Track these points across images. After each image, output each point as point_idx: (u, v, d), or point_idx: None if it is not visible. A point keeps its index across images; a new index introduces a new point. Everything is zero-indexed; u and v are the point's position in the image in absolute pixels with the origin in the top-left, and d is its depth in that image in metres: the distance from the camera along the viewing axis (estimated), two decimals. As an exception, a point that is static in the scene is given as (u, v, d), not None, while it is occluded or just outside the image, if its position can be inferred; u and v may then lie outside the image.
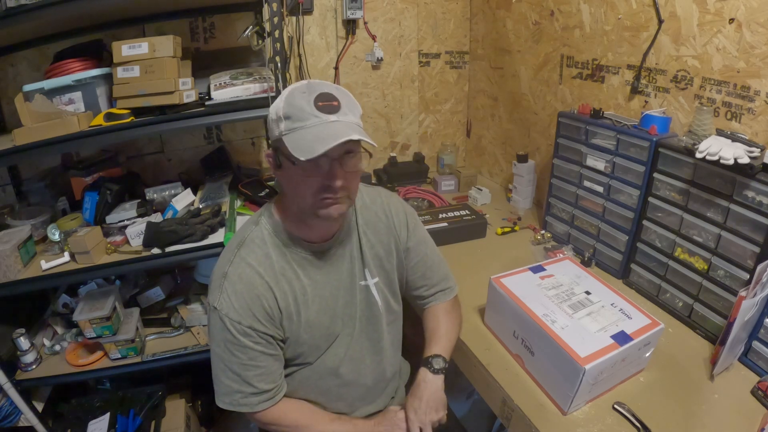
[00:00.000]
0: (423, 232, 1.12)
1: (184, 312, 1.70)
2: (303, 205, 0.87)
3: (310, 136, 0.79)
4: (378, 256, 1.04)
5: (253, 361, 0.90)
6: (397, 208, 1.08)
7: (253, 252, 0.92)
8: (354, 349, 1.03)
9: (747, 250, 1.06)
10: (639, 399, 0.99)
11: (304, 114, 0.80)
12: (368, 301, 1.03)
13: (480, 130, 2.34)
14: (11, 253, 1.31)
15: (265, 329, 0.90)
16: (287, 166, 0.85)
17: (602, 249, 1.48)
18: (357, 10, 1.91)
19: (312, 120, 0.80)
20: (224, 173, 1.80)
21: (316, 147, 0.77)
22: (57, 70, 1.35)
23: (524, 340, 1.07)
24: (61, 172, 1.69)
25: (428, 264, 1.11)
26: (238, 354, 0.89)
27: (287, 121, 0.81)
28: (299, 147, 0.78)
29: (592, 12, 1.56)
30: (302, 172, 0.83)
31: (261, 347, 0.91)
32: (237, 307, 0.88)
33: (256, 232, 0.94)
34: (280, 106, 0.83)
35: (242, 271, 0.90)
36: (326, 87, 0.84)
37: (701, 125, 1.17)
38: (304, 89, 0.83)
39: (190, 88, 1.36)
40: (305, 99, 0.81)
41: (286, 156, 0.83)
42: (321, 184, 0.83)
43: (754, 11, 1.10)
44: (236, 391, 0.92)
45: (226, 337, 0.89)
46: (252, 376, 0.91)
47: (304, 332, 0.96)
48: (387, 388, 1.13)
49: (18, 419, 1.49)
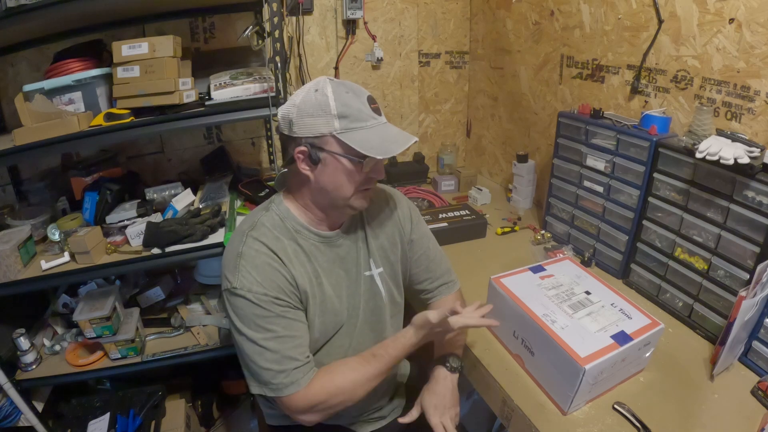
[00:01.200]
0: (425, 227, 1.16)
1: (184, 312, 1.71)
2: (342, 198, 0.91)
3: (375, 136, 0.85)
4: (383, 247, 1.06)
5: (288, 330, 0.88)
6: (401, 202, 1.13)
7: (264, 234, 0.92)
8: (357, 341, 1.04)
9: (747, 250, 1.06)
10: (639, 399, 0.99)
11: (362, 115, 0.85)
12: (372, 291, 1.05)
13: (480, 130, 2.34)
14: (11, 253, 1.31)
15: (289, 298, 0.89)
16: (336, 163, 0.87)
17: (602, 249, 1.48)
18: (357, 10, 1.92)
19: (371, 121, 0.87)
20: (224, 173, 1.80)
21: (390, 148, 0.84)
22: (57, 70, 1.35)
23: (524, 340, 1.07)
24: (61, 172, 1.69)
25: (431, 257, 1.14)
26: (272, 327, 0.86)
27: (343, 120, 0.84)
28: (371, 146, 0.84)
29: (592, 12, 1.56)
30: (357, 168, 0.88)
31: (292, 314, 0.90)
32: (260, 280, 0.87)
33: (266, 216, 0.95)
34: (331, 104, 0.84)
35: (258, 247, 0.90)
36: (360, 88, 0.89)
37: (701, 125, 1.17)
38: (346, 89, 0.86)
39: (190, 88, 1.36)
40: (358, 100, 0.86)
41: (336, 153, 0.86)
42: (367, 178, 0.91)
43: (754, 11, 1.10)
44: (279, 371, 0.86)
45: (255, 312, 0.86)
46: (291, 347, 0.87)
47: (317, 317, 0.96)
48: (389, 382, 1.13)
49: (18, 419, 1.49)
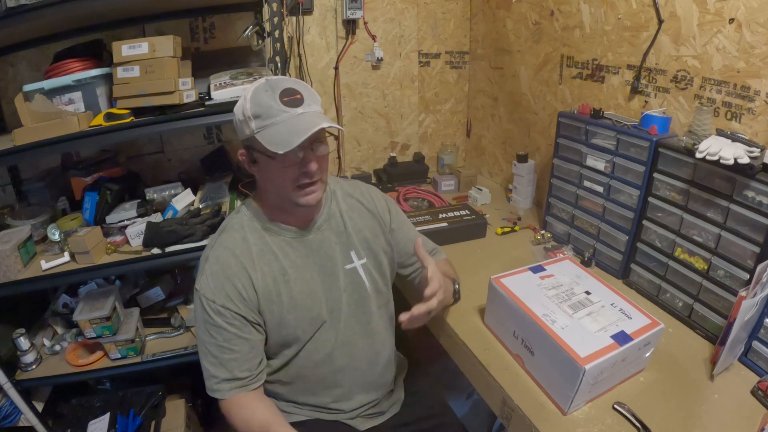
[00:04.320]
0: (404, 217, 1.21)
1: (184, 312, 1.70)
2: (283, 195, 0.94)
3: (284, 129, 0.85)
4: (365, 238, 1.09)
5: (227, 343, 0.94)
6: (377, 195, 1.16)
7: (231, 237, 0.98)
8: (344, 335, 1.05)
9: (747, 250, 1.06)
10: (639, 399, 0.99)
11: (272, 111, 0.86)
12: (355, 283, 1.06)
13: (480, 130, 2.34)
14: (11, 253, 1.31)
15: (237, 309, 0.94)
16: (263, 161, 0.92)
17: (602, 249, 1.48)
18: (357, 10, 1.91)
19: (281, 115, 0.86)
20: (224, 173, 1.80)
21: (291, 139, 0.83)
22: (57, 70, 1.35)
23: (524, 340, 1.07)
24: (61, 172, 1.69)
25: (412, 239, 1.17)
26: (214, 335, 0.94)
27: (257, 119, 0.87)
28: (275, 141, 0.84)
29: (592, 12, 1.56)
30: (279, 164, 0.89)
31: (235, 329, 0.94)
32: (213, 287, 0.93)
33: (235, 219, 1.01)
34: (247, 107, 0.87)
35: (219, 254, 0.96)
36: (286, 82, 0.90)
37: (701, 125, 1.17)
38: (266, 88, 0.88)
39: (190, 88, 1.36)
40: (270, 97, 0.87)
41: (262, 152, 0.89)
42: (298, 172, 0.90)
43: (754, 11, 1.10)
44: (212, 375, 0.95)
45: (204, 317, 0.94)
46: (227, 360, 0.94)
47: (288, 313, 0.98)
48: (384, 375, 1.13)
49: (18, 419, 1.49)
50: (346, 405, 1.08)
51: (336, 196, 1.09)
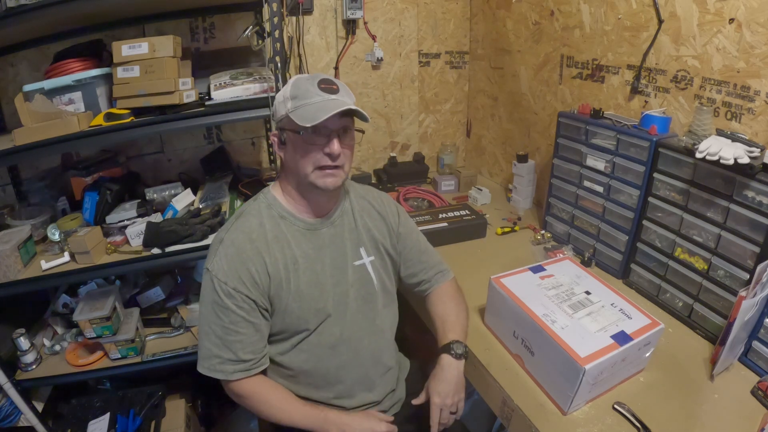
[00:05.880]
0: (413, 223, 1.22)
1: (184, 312, 1.70)
2: (303, 176, 0.95)
3: (314, 108, 0.90)
4: (374, 237, 1.11)
5: (234, 325, 0.94)
6: (387, 199, 1.19)
7: (248, 221, 1.00)
8: (350, 329, 1.05)
9: (747, 250, 1.06)
10: (639, 399, 0.99)
11: (308, 93, 0.92)
12: (363, 279, 1.08)
13: (480, 130, 2.34)
14: (11, 253, 1.31)
15: (248, 293, 0.95)
16: (291, 140, 0.95)
17: (602, 249, 1.48)
18: (357, 10, 1.91)
19: (315, 98, 0.91)
20: (224, 173, 1.80)
21: (318, 115, 0.88)
22: (57, 70, 1.35)
23: (524, 340, 1.07)
24: (61, 172, 1.69)
25: (422, 248, 1.20)
26: (221, 316, 0.94)
27: (293, 100, 0.92)
28: (304, 117, 0.89)
29: (592, 12, 1.56)
30: (304, 142, 0.93)
31: (243, 312, 0.95)
32: (226, 269, 0.94)
33: (254, 205, 1.04)
34: (287, 89, 0.95)
35: (235, 237, 0.97)
36: (327, 76, 0.96)
37: (701, 125, 1.17)
38: (308, 77, 0.95)
39: (190, 88, 1.36)
40: (309, 82, 0.93)
41: (291, 129, 0.93)
42: (322, 153, 0.93)
43: (754, 11, 1.10)
44: (215, 355, 0.96)
45: (214, 298, 0.95)
46: (232, 341, 0.95)
47: (293, 301, 0.99)
48: (386, 375, 1.13)
49: (18, 419, 1.49)
50: (348, 402, 1.08)
51: (349, 195, 1.12)
